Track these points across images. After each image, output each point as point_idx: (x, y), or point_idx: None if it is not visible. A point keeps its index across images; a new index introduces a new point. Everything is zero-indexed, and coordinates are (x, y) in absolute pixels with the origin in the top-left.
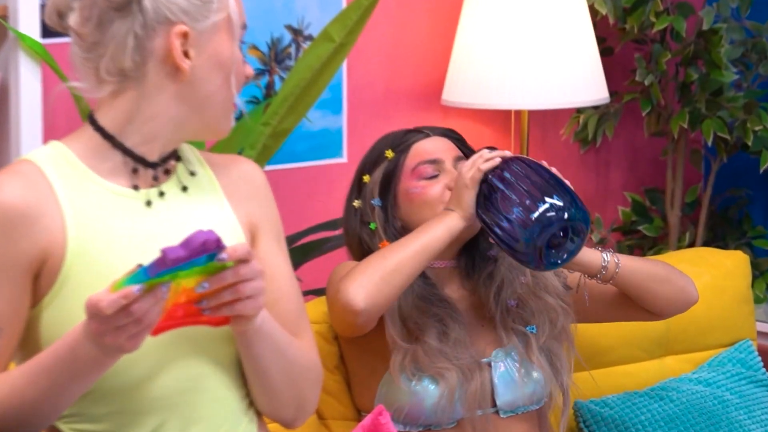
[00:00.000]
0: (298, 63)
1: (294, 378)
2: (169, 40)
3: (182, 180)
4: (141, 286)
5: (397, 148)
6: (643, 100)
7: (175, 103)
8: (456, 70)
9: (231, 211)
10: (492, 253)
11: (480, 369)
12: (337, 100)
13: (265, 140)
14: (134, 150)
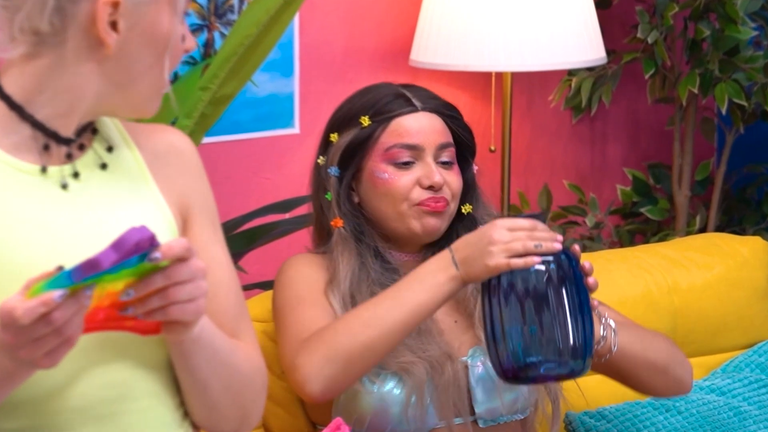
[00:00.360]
0: (242, 17)
1: (236, 389)
2: (95, 7)
3: (100, 156)
4: (63, 291)
5: (376, 116)
6: (646, 61)
7: (96, 77)
8: (426, 25)
9: (158, 192)
10: None
11: (452, 361)
12: (287, 60)
13: (204, 108)
14: (46, 124)
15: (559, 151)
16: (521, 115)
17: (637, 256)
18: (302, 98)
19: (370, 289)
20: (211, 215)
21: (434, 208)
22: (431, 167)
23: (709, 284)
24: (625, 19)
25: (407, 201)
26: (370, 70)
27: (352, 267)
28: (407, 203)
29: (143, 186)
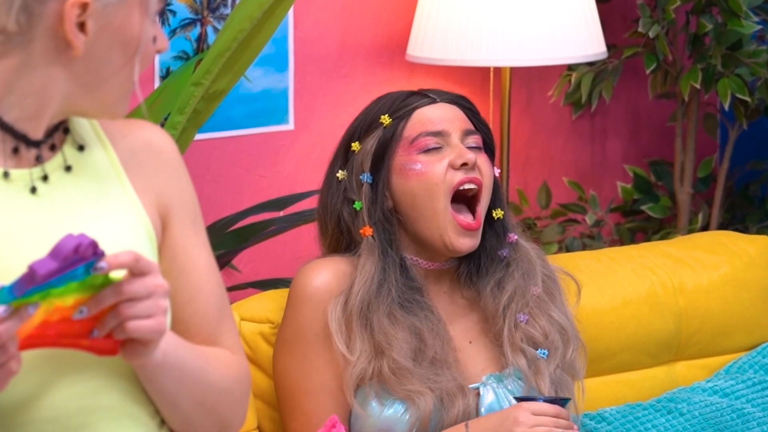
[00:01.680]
0: (236, 11)
1: (211, 405)
2: (63, 8)
3: (67, 158)
4: (5, 307)
5: (395, 113)
6: (647, 56)
7: (64, 79)
8: (423, 19)
9: (132, 191)
10: (503, 253)
11: (464, 395)
12: (282, 55)
13: (196, 103)
14: (14, 126)
15: (559, 148)
16: (520, 110)
17: (641, 255)
18: (297, 94)
19: (389, 308)
20: (193, 215)
21: (469, 226)
22: (461, 146)
23: (715, 285)
24: (626, 12)
25: (446, 187)
26: (365, 65)
27: (371, 282)
28: (445, 192)
29: (116, 186)
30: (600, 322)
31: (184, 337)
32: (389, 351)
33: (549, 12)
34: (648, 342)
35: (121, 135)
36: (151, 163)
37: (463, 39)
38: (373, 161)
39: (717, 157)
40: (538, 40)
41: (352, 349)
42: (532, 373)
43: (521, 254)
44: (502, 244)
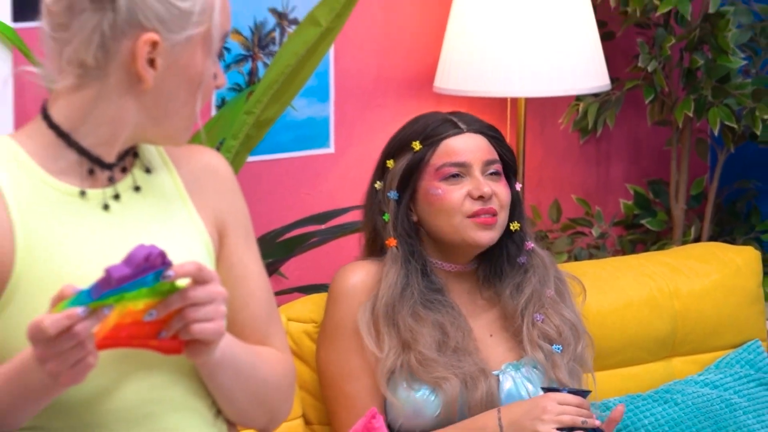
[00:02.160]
0: (283, 48)
1: (262, 398)
2: (136, 46)
3: (137, 179)
4: (84, 308)
5: (426, 140)
6: (646, 88)
7: (135, 109)
8: (449, 55)
9: (194, 209)
10: (522, 260)
11: (486, 377)
12: (323, 87)
13: (248, 130)
14: (90, 150)
15: (568, 169)
16: (534, 136)
17: (641, 263)
18: (337, 121)
19: (413, 308)
20: (245, 229)
21: (485, 221)
22: (479, 180)
23: (706, 290)
24: (627, 49)
25: (461, 213)
26: (397, 96)
27: (394, 288)
28: (461, 215)
29: (180, 205)
30: (605, 323)
31: (239, 337)
32: (415, 345)
33: (559, 49)
34: (647, 340)
35: (184, 159)
36: (209, 185)
37: (483, 73)
38: (401, 181)
39: (708, 177)
40: (550, 74)
41: (381, 346)
42: (550, 366)
43: (537, 261)
44: (521, 252)
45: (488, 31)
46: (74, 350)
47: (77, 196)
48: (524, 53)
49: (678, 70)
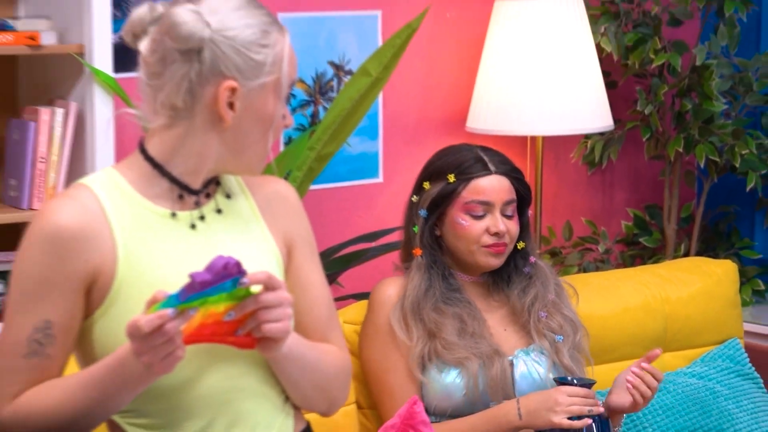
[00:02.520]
0: (340, 95)
1: (323, 386)
2: (218, 91)
3: (218, 203)
4: (173, 310)
5: (460, 175)
6: (644, 127)
7: (217, 144)
8: (479, 100)
9: (266, 228)
10: (527, 270)
11: (500, 356)
12: (374, 127)
13: (311, 163)
14: (180, 179)
15: (578, 196)
16: (549, 168)
17: (638, 274)
18: (385, 155)
19: (436, 305)
20: (310, 246)
21: (496, 251)
22: (498, 220)
23: (692, 297)
24: (627, 96)
25: (477, 243)
26: (436, 134)
27: (418, 289)
28: (477, 245)
29: (255, 225)
30: (606, 324)
31: (304, 335)
32: (439, 333)
33: (571, 95)
34: (643, 338)
35: (258, 187)
36: (280, 208)
37: (508, 115)
38: (432, 203)
39: (695, 203)
40: (563, 116)
41: (410, 337)
42: (554, 352)
43: (539, 271)
44: (526, 264)
45: (512, 80)
46: (165, 345)
47: (169, 217)
48: (542, 99)
49: (670, 113)
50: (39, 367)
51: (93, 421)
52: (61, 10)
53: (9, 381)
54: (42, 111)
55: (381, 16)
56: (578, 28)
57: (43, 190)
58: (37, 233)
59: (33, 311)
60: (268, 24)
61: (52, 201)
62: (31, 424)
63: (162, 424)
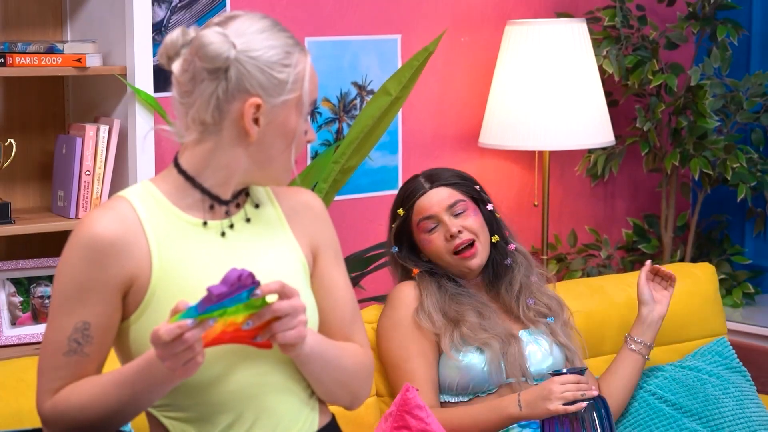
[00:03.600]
0: (362, 112)
1: (345, 382)
2: (244, 108)
3: (247, 213)
4: (192, 320)
5: (405, 205)
6: (643, 143)
7: (244, 157)
8: (490, 117)
9: (292, 236)
10: (508, 262)
11: (515, 338)
12: (393, 142)
13: (335, 175)
14: (211, 190)
15: (582, 206)
16: (556, 180)
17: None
18: (404, 169)
19: (451, 298)
20: (335, 251)
21: (465, 255)
22: (448, 224)
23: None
24: (628, 113)
25: (447, 252)
26: (450, 150)
27: (435, 292)
28: (448, 254)
29: (281, 232)
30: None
31: (328, 334)
32: (463, 320)
33: (575, 113)
34: None
35: (286, 197)
36: (306, 217)
37: (517, 131)
38: (396, 239)
39: (690, 212)
40: (568, 133)
41: (437, 326)
42: (549, 332)
43: (520, 257)
44: (505, 255)
45: (521, 99)
46: (185, 352)
47: (200, 226)
48: (548, 116)
49: (667, 129)
50: (78, 364)
51: (125, 416)
52: (105, 34)
53: (50, 377)
54: (88, 127)
55: (400, 40)
56: (582, 51)
57: (88, 200)
58: (77, 241)
59: (73, 313)
60: (290, 46)
61: (91, 212)
62: (68, 418)
63: (195, 418)
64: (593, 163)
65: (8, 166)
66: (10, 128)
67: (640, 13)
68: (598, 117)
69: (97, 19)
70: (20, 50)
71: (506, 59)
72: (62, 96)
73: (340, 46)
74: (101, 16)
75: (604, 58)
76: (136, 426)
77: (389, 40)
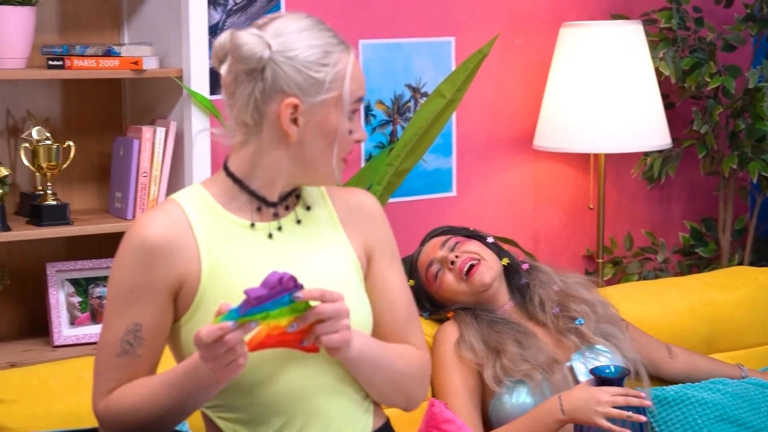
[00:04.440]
0: (416, 115)
1: (398, 384)
2: (280, 108)
3: (298, 215)
4: (233, 323)
5: (412, 275)
6: (700, 146)
7: (287, 158)
8: (545, 120)
9: (345, 237)
10: (523, 281)
11: (559, 364)
12: (447, 145)
13: (390, 178)
14: (258, 192)
15: (638, 209)
16: (611, 183)
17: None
18: (458, 171)
19: (489, 330)
20: (390, 252)
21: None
22: (445, 256)
23: (736, 301)
24: (684, 116)
25: (458, 282)
26: (504, 152)
27: (473, 324)
28: (460, 284)
29: (334, 234)
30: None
31: (383, 336)
32: (503, 348)
33: (631, 115)
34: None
35: (341, 198)
36: (361, 218)
37: (572, 134)
38: (420, 305)
39: (748, 216)
40: (624, 135)
41: (479, 357)
42: (580, 338)
43: (537, 273)
44: (521, 276)
45: (576, 101)
46: (226, 354)
47: (248, 227)
48: (604, 119)
49: (724, 132)
50: (130, 365)
51: (176, 417)
52: (162, 37)
53: (104, 378)
54: (144, 129)
55: (454, 42)
56: (638, 53)
57: (145, 202)
58: (128, 244)
59: (125, 314)
60: (332, 45)
61: (143, 215)
62: (121, 419)
63: (247, 419)
64: (649, 165)
65: (67, 168)
66: (68, 130)
67: (697, 15)
68: (654, 119)
69: (154, 22)
70: (78, 53)
71: (561, 61)
72: (119, 98)
73: (394, 49)
74: (158, 19)
75: (661, 60)
76: (194, 426)
77: (443, 43)
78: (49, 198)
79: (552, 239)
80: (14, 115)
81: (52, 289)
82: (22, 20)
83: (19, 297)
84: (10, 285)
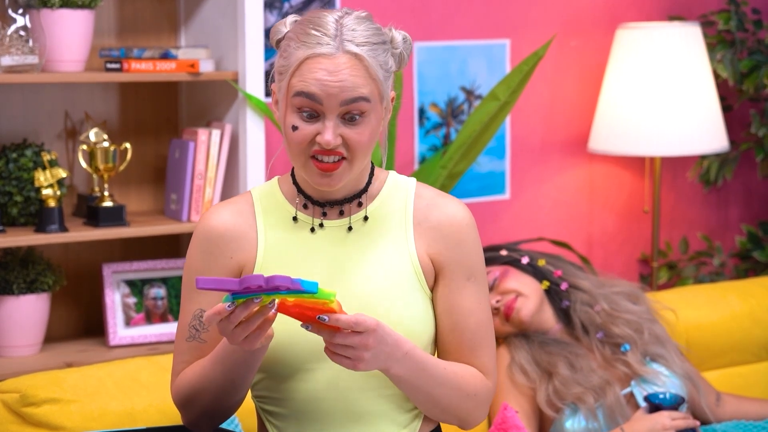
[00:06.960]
0: (470, 117)
1: (444, 407)
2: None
3: (367, 212)
4: (229, 303)
5: None
6: (757, 149)
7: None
8: (600, 123)
9: (413, 243)
10: (565, 303)
11: (611, 386)
12: (501, 147)
13: (443, 180)
14: (304, 191)
15: (694, 212)
16: (667, 186)
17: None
18: (512, 174)
19: (540, 352)
20: (467, 272)
21: (509, 313)
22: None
23: None
24: (742, 119)
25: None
26: (559, 155)
27: (524, 346)
28: (503, 325)
29: (400, 236)
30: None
31: (445, 353)
32: (555, 370)
33: (688, 118)
34: (751, 345)
35: (429, 206)
36: (439, 231)
37: (628, 137)
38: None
39: None
40: (680, 138)
41: (532, 380)
42: (627, 367)
43: (578, 293)
44: (562, 298)
45: (632, 104)
46: (239, 330)
47: (305, 222)
48: (660, 121)
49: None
50: (196, 349)
51: (229, 392)
52: (218, 40)
53: (177, 360)
54: (200, 132)
55: (509, 44)
56: (696, 55)
57: (200, 204)
58: (195, 234)
59: (192, 301)
60: (302, 36)
61: (215, 205)
62: (185, 398)
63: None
64: (706, 169)
65: (123, 170)
66: (125, 132)
67: (755, 17)
68: (711, 122)
69: (211, 26)
70: (136, 56)
71: (617, 63)
72: (176, 101)
73: (449, 51)
74: (214, 23)
75: (718, 63)
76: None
77: (498, 45)
78: (106, 199)
79: (606, 243)
80: (72, 117)
81: (108, 289)
82: (81, 23)
83: (75, 297)
84: (66, 286)
